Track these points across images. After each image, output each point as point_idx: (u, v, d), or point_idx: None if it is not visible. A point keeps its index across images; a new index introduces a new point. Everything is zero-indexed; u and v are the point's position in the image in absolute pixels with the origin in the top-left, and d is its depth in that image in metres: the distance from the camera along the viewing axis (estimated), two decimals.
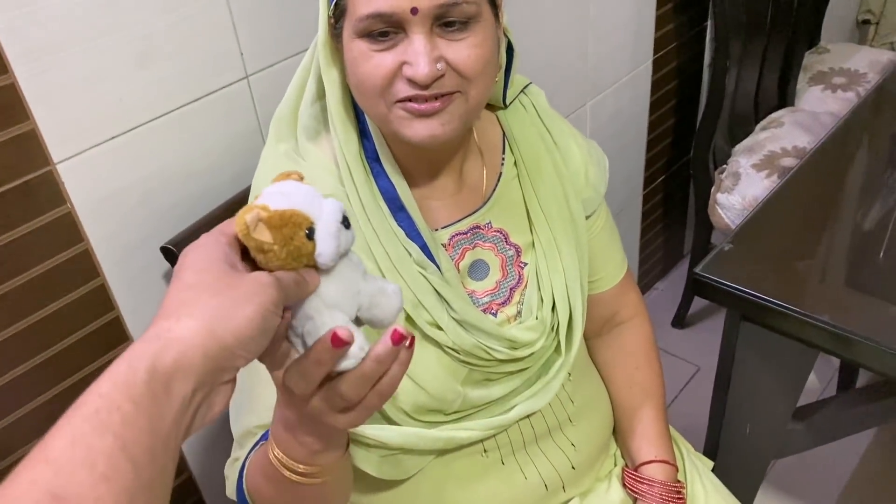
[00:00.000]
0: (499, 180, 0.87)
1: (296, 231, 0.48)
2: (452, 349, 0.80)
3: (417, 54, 0.68)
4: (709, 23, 1.83)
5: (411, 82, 0.69)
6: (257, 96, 1.00)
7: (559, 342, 0.88)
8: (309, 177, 0.55)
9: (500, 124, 0.89)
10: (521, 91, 0.90)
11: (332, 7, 0.72)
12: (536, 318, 0.85)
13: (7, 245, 0.82)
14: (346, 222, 0.51)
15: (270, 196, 0.49)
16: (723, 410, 1.17)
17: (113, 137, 0.87)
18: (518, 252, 0.87)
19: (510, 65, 0.84)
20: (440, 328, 0.79)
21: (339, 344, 0.50)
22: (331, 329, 0.50)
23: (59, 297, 0.88)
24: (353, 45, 0.70)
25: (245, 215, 0.48)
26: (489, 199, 0.86)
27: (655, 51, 1.73)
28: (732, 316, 1.09)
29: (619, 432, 1.01)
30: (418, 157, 0.81)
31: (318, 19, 0.75)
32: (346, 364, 0.51)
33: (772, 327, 1.02)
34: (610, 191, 0.97)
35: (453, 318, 0.80)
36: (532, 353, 0.84)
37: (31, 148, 0.80)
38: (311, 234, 0.49)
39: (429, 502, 0.87)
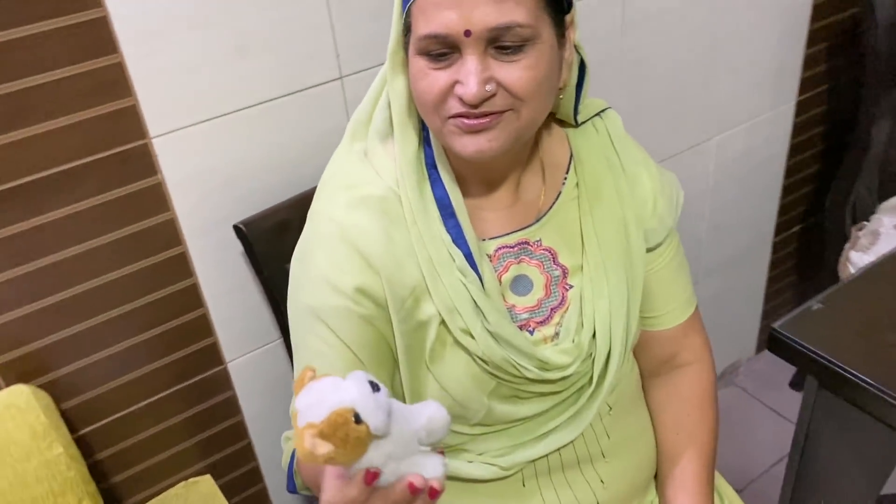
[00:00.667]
0: (557, 199, 0.86)
1: (346, 426, 0.52)
2: (482, 360, 0.80)
3: (468, 74, 0.69)
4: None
5: (462, 100, 0.71)
6: (349, 98, 1.05)
7: (594, 371, 0.85)
8: (373, 173, 0.72)
9: (569, 144, 0.89)
10: (597, 114, 0.89)
11: (402, 21, 0.75)
12: (573, 342, 0.84)
13: (101, 205, 0.92)
14: (374, 386, 0.54)
15: (308, 411, 0.53)
16: (795, 479, 1.08)
17: (207, 120, 0.95)
18: (565, 273, 0.85)
19: (583, 81, 0.83)
20: (472, 336, 0.79)
21: (415, 490, 0.57)
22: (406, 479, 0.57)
23: (143, 258, 0.97)
24: (414, 61, 0.73)
25: (304, 444, 0.51)
26: (543, 216, 0.85)
27: (801, 91, 1.62)
28: (810, 382, 1.00)
29: (658, 478, 0.97)
30: (473, 168, 0.82)
31: (392, 30, 0.78)
32: None
33: (850, 401, 0.94)
34: (732, 231, 0.93)
35: (487, 329, 0.80)
36: (564, 377, 0.83)
37: (131, 122, 0.90)
38: (358, 419, 0.52)
39: None
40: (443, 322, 0.80)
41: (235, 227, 0.96)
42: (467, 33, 0.68)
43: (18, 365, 0.94)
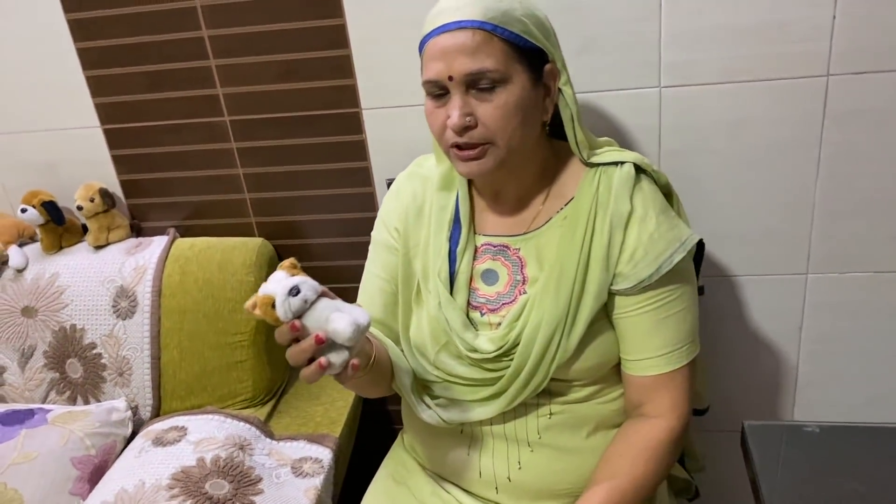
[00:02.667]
0: (546, 223, 1.05)
1: (266, 307, 0.87)
2: (435, 318, 1.08)
3: (453, 108, 0.96)
4: None
5: (450, 129, 0.97)
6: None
7: (515, 368, 1.03)
8: (433, 163, 1.09)
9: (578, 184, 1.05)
10: (616, 164, 1.03)
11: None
12: (501, 335, 1.03)
13: (328, 144, 1.41)
14: (293, 291, 0.87)
15: (264, 286, 0.88)
16: None
17: (398, 106, 1.35)
18: (525, 280, 1.05)
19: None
20: (439, 304, 1.07)
21: (320, 341, 0.85)
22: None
23: (347, 187, 1.44)
24: (426, 101, 1.00)
25: (248, 302, 0.88)
26: (529, 233, 1.06)
27: None
28: None
29: None
30: (480, 183, 1.08)
31: None
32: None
33: None
34: None
35: (439, 304, 1.07)
36: (485, 359, 1.04)
37: (351, 96, 1.36)
38: (274, 306, 0.87)
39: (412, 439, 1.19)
40: (424, 277, 1.09)
41: (388, 181, 1.36)
42: (450, 78, 0.95)
43: (263, 227, 1.52)
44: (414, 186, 1.14)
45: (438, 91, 0.97)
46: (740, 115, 1.26)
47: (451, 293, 1.07)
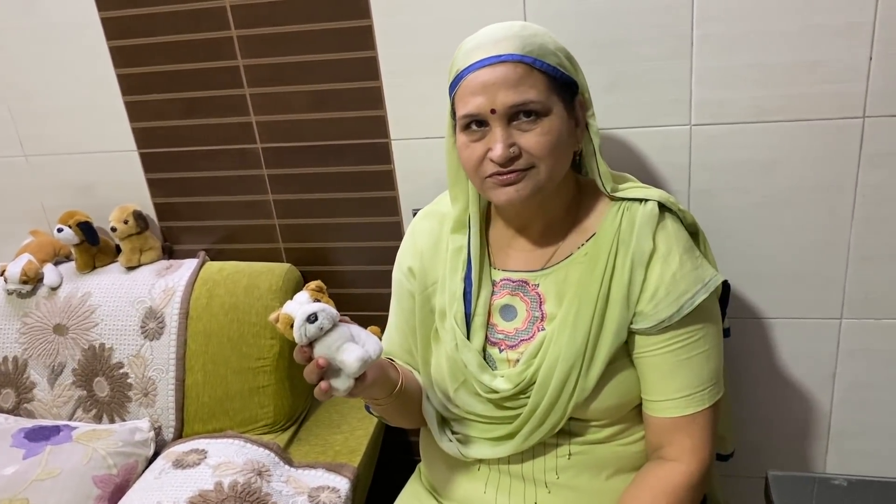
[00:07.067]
0: (566, 259, 1.04)
1: (285, 326, 0.91)
2: (452, 358, 1.07)
3: (496, 141, 0.96)
4: None
5: (493, 162, 0.98)
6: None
7: (532, 406, 1.02)
8: (441, 215, 1.11)
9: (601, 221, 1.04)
10: (640, 200, 1.02)
11: (450, 107, 1.03)
12: (517, 373, 1.02)
13: (356, 172, 1.42)
14: (311, 318, 0.90)
15: (286, 305, 0.92)
16: None
17: (426, 137, 1.36)
18: (544, 317, 1.04)
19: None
20: (455, 345, 1.07)
21: (321, 366, 0.90)
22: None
23: (373, 216, 1.45)
24: (459, 136, 1.01)
25: (271, 315, 0.93)
26: (548, 268, 1.05)
27: None
28: None
29: None
30: (508, 215, 1.08)
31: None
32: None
33: None
34: None
35: (456, 344, 1.07)
36: (501, 398, 1.03)
37: (380, 126, 1.37)
38: (293, 326, 0.91)
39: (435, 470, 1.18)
40: (441, 316, 1.09)
41: (414, 210, 1.37)
42: (492, 111, 0.95)
43: (291, 252, 1.53)
44: (431, 224, 1.14)
45: (476, 125, 0.97)
46: (772, 155, 1.24)
47: (468, 334, 1.07)
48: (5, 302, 1.54)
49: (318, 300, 0.93)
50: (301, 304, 0.92)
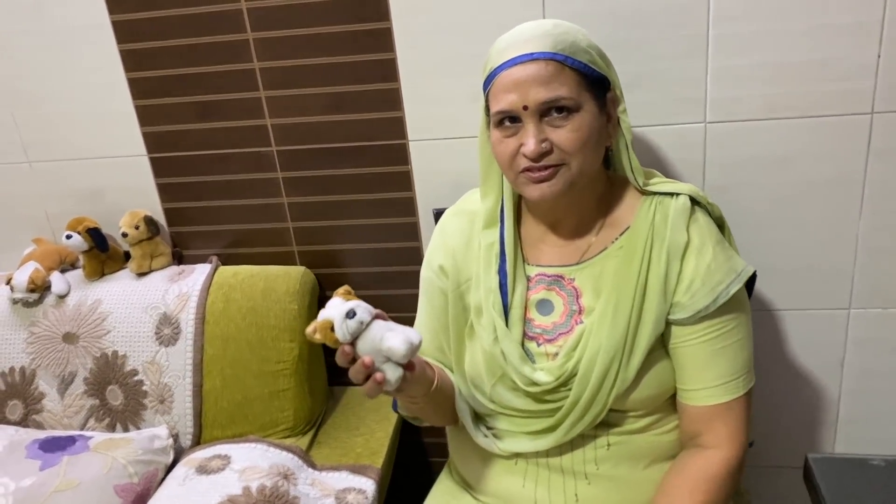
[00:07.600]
0: (600, 252, 1.06)
1: (325, 330, 0.93)
2: (490, 352, 1.08)
3: (528, 137, 0.98)
4: None
5: (526, 157, 1.00)
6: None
7: (574, 398, 1.03)
8: (470, 213, 1.12)
9: (634, 214, 1.06)
10: (672, 194, 1.05)
11: (484, 104, 1.05)
12: (559, 365, 1.04)
13: (374, 174, 1.43)
14: (349, 314, 0.92)
15: (322, 312, 0.94)
16: None
17: (445, 138, 1.38)
18: (581, 310, 1.06)
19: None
20: (494, 339, 1.07)
21: (367, 365, 0.92)
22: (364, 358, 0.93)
23: (391, 216, 1.46)
24: (492, 132, 1.03)
25: (309, 327, 0.93)
26: (584, 262, 1.07)
27: None
28: None
29: None
30: (541, 210, 1.10)
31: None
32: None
33: None
34: None
35: (496, 338, 1.07)
36: (543, 391, 1.04)
37: (398, 127, 1.38)
38: (333, 329, 0.93)
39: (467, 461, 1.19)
40: (477, 311, 1.10)
41: (435, 211, 1.38)
42: (525, 108, 0.97)
43: (304, 255, 1.53)
44: (461, 223, 1.15)
45: (509, 121, 0.99)
46: (784, 152, 1.28)
47: (507, 326, 1.08)
48: (11, 311, 1.51)
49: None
50: (336, 307, 0.93)
